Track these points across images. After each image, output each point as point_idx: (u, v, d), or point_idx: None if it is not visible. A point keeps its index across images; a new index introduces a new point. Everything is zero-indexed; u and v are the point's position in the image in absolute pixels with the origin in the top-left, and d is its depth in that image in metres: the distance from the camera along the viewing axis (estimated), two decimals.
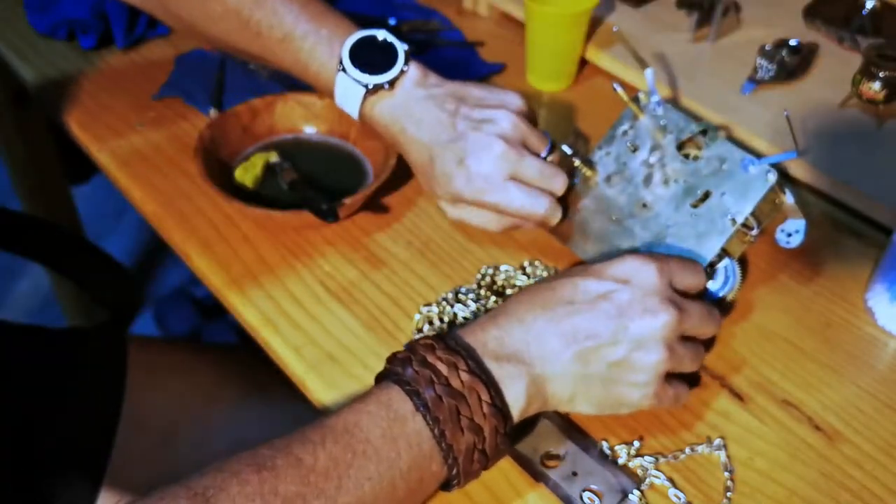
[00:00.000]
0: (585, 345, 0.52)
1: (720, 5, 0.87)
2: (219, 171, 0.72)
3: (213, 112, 0.81)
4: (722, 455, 0.55)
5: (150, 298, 1.69)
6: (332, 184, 0.74)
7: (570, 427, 0.57)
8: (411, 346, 0.51)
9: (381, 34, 0.68)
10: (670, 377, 0.55)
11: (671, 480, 0.54)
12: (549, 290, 0.54)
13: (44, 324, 0.80)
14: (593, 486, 0.53)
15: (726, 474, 0.54)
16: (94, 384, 0.75)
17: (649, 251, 0.59)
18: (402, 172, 0.75)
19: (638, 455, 0.55)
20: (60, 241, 0.85)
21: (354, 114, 0.69)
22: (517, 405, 0.51)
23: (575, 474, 0.54)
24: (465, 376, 0.49)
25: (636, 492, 0.53)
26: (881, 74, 0.75)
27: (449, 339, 0.51)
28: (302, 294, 0.66)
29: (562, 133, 0.82)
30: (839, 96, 0.80)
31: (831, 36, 0.89)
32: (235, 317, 0.66)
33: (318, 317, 0.64)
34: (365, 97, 0.68)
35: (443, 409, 0.48)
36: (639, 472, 0.54)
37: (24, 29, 0.92)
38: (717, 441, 0.56)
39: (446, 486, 0.51)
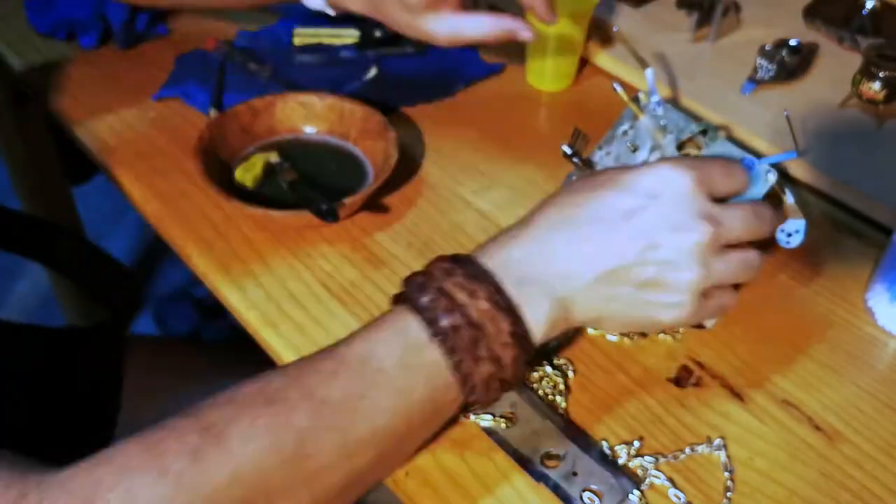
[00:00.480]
0: (611, 265, 0.49)
1: (720, 5, 0.87)
2: (219, 171, 0.72)
3: (213, 112, 0.81)
4: (722, 455, 0.55)
5: (150, 298, 1.69)
6: (332, 184, 0.74)
7: (570, 427, 0.57)
8: (429, 271, 0.49)
9: None
10: (713, 291, 0.53)
11: (671, 480, 0.54)
12: (575, 207, 0.50)
13: (44, 324, 0.80)
14: (593, 486, 0.53)
15: (726, 474, 0.54)
16: (93, 384, 0.75)
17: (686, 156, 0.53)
18: (402, 172, 0.75)
19: (638, 455, 0.55)
20: (60, 241, 0.85)
21: None
22: (539, 330, 0.49)
23: (575, 474, 0.54)
24: (484, 305, 0.47)
25: (636, 492, 0.53)
26: (881, 74, 0.75)
27: (468, 263, 0.49)
28: (302, 294, 0.66)
29: (562, 133, 0.82)
30: (839, 96, 0.80)
31: (831, 36, 0.89)
32: (235, 317, 0.66)
33: (318, 317, 0.64)
34: None
35: (461, 338, 0.46)
36: (639, 472, 0.54)
37: (24, 29, 0.92)
38: (717, 441, 0.56)
39: (465, 409, 0.50)
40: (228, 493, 0.42)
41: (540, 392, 0.59)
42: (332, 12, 0.77)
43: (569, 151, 0.66)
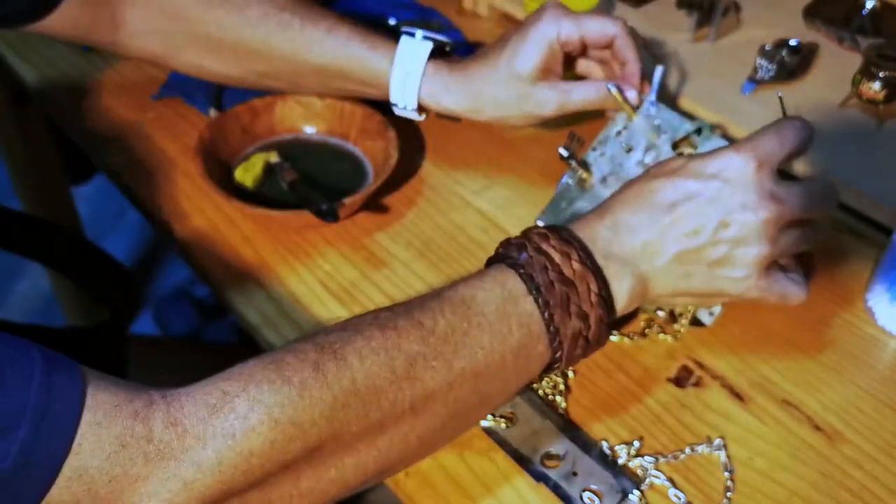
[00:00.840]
0: (686, 246, 0.53)
1: (720, 5, 0.87)
2: (219, 171, 0.72)
3: (213, 112, 0.81)
4: (722, 455, 0.55)
5: (150, 298, 1.69)
6: (332, 184, 0.74)
7: (570, 427, 0.57)
8: (526, 234, 0.53)
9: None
10: (776, 266, 0.56)
11: (671, 480, 0.54)
12: (650, 193, 0.54)
13: (44, 324, 0.79)
14: (593, 486, 0.53)
15: (726, 474, 0.54)
16: None
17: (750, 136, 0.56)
18: (402, 172, 0.75)
19: (638, 455, 0.55)
20: (60, 241, 0.85)
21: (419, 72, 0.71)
22: (621, 300, 0.53)
23: (575, 474, 0.54)
24: (576, 266, 0.51)
25: (636, 492, 0.53)
26: (881, 74, 0.75)
27: (562, 230, 0.53)
28: (302, 294, 0.66)
29: (561, 133, 0.82)
30: (839, 96, 0.80)
31: (831, 36, 0.88)
32: (235, 317, 0.66)
33: (318, 317, 0.64)
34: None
35: (554, 294, 0.50)
36: (639, 472, 0.54)
37: (19, 30, 0.92)
38: (717, 441, 0.56)
39: (548, 368, 0.53)
40: (346, 403, 0.45)
41: (540, 392, 0.59)
42: (419, 117, 0.76)
43: (565, 154, 0.67)
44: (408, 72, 0.71)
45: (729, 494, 0.53)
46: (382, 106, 0.77)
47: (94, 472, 0.39)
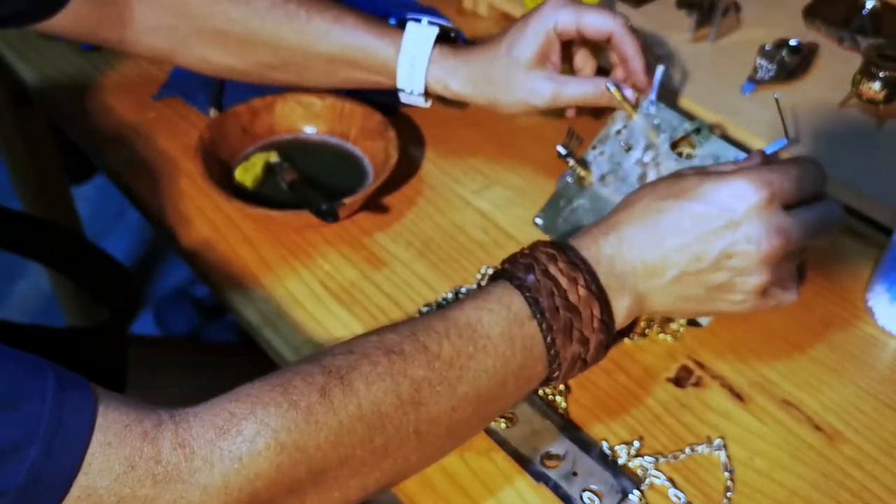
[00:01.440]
0: (687, 269, 0.53)
1: (720, 5, 0.87)
2: (219, 171, 0.72)
3: (213, 112, 0.81)
4: (722, 455, 0.55)
5: (150, 298, 1.70)
6: (332, 184, 0.74)
7: (570, 427, 0.57)
8: (533, 253, 0.53)
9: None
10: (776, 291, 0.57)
11: (671, 480, 0.54)
12: (657, 213, 0.54)
13: (44, 324, 0.79)
14: (593, 486, 0.53)
15: (726, 474, 0.54)
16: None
17: (763, 165, 0.55)
18: (402, 172, 0.75)
19: (638, 455, 0.55)
20: (60, 241, 0.85)
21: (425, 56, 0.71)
22: (619, 318, 0.54)
23: (575, 474, 0.54)
24: (582, 292, 0.51)
25: (636, 492, 0.53)
26: (881, 74, 0.75)
27: (569, 250, 0.53)
28: (302, 294, 0.66)
29: (561, 133, 0.82)
30: (839, 96, 0.80)
31: (831, 36, 0.88)
32: (235, 317, 0.66)
33: (318, 317, 0.64)
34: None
35: (558, 319, 0.50)
36: (639, 472, 0.54)
37: (25, 29, 0.92)
38: (717, 441, 0.56)
39: (542, 383, 0.53)
40: (352, 429, 0.45)
41: (540, 392, 0.59)
42: (425, 104, 0.75)
43: (563, 152, 0.67)
44: (414, 56, 0.71)
45: (729, 494, 0.53)
46: (382, 106, 0.77)
47: (103, 493, 0.39)
